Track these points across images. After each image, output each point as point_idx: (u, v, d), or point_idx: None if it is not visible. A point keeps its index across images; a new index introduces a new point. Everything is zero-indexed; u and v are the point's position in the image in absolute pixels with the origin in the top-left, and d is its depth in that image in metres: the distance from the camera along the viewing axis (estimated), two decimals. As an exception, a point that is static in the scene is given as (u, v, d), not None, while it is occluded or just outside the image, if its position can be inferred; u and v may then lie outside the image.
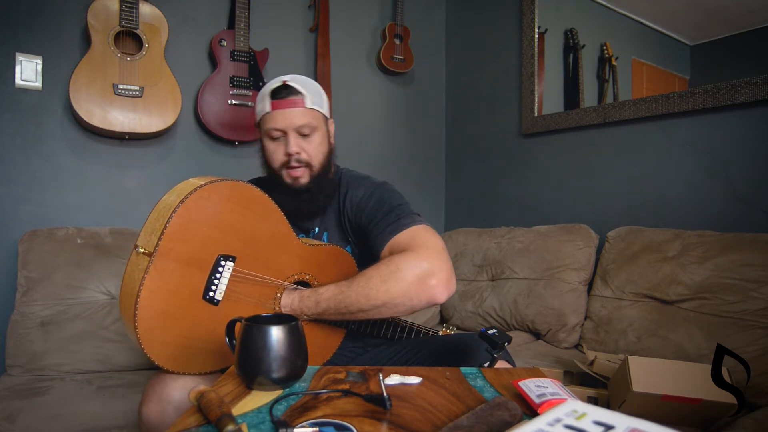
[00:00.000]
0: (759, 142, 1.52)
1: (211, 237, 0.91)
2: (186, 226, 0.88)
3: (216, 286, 0.92)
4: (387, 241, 1.02)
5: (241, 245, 0.95)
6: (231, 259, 0.93)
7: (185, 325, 0.89)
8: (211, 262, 0.91)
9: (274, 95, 1.07)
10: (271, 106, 1.07)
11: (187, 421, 0.61)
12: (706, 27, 1.75)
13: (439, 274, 0.92)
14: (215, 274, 0.92)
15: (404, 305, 0.93)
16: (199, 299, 0.91)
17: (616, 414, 0.45)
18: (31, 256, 1.52)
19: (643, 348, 1.49)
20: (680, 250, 1.53)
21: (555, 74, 2.17)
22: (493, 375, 0.80)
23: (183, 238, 0.88)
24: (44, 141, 1.70)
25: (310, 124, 1.08)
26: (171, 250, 0.87)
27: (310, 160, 1.10)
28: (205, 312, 0.91)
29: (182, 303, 0.89)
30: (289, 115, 1.07)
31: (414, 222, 1.03)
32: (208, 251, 0.91)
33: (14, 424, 1.14)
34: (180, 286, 0.88)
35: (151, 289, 0.85)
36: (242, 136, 1.96)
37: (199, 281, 0.91)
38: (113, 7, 1.64)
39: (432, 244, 0.97)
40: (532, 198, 2.22)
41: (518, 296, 1.87)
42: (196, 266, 0.90)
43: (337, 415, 0.63)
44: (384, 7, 2.47)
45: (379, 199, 1.10)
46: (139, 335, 0.84)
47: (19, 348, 1.45)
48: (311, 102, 1.08)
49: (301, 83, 1.09)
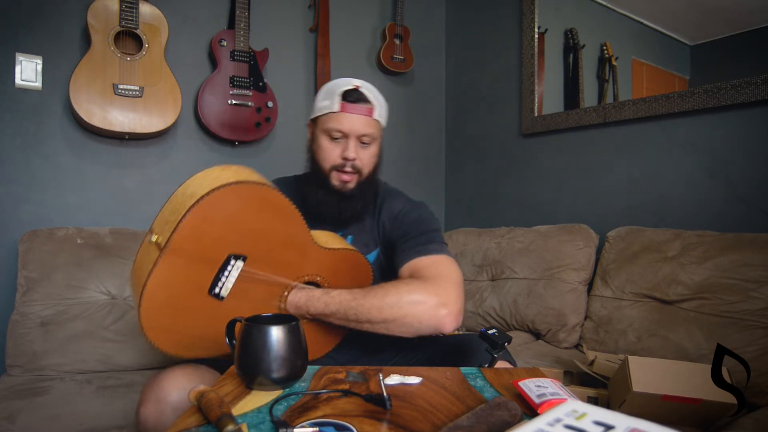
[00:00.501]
0: (759, 142, 1.52)
1: (224, 236, 0.91)
2: (199, 225, 0.88)
3: (223, 283, 0.93)
4: (410, 260, 1.04)
5: (254, 246, 0.94)
6: (241, 258, 0.94)
7: (188, 316, 0.91)
8: (221, 260, 0.92)
9: (346, 97, 1.08)
10: (341, 107, 1.07)
11: (187, 421, 0.61)
12: (706, 27, 1.75)
13: (452, 307, 0.94)
14: (223, 271, 0.92)
15: (412, 326, 0.94)
16: (205, 294, 0.92)
17: (616, 414, 0.45)
18: (31, 256, 1.52)
19: (643, 348, 1.49)
20: (680, 250, 1.53)
21: (555, 74, 2.17)
22: (493, 375, 0.80)
23: (195, 237, 0.88)
24: (44, 141, 1.70)
25: (372, 135, 1.10)
26: (182, 247, 0.87)
27: (362, 168, 1.11)
28: (209, 305, 0.92)
29: (187, 296, 0.90)
30: (357, 121, 1.08)
31: (441, 251, 1.05)
32: (219, 250, 0.91)
33: (14, 424, 1.14)
34: (187, 281, 0.90)
35: (157, 282, 0.86)
36: (242, 136, 1.96)
37: (206, 277, 0.91)
38: (113, 7, 1.64)
39: (453, 277, 0.99)
40: (532, 198, 2.22)
41: (518, 296, 1.87)
42: (206, 263, 0.91)
43: (337, 415, 0.63)
44: (384, 7, 2.47)
45: (419, 218, 1.13)
46: (142, 320, 0.86)
47: (19, 348, 1.45)
48: (378, 113, 1.11)
49: (371, 92, 1.11)
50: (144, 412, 0.90)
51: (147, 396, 0.91)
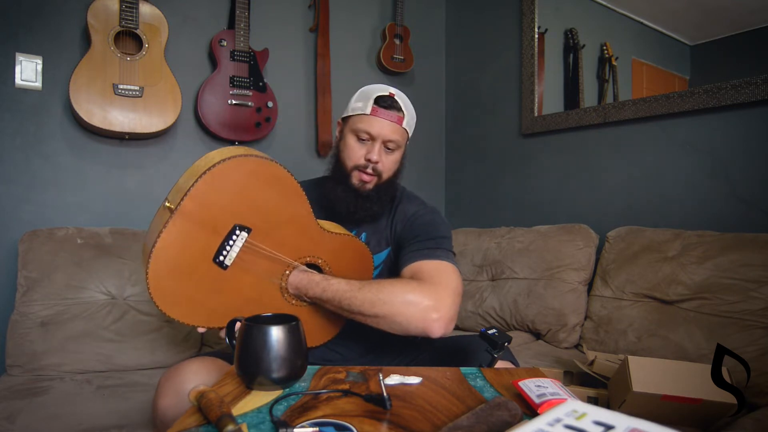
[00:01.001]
0: (759, 142, 1.52)
1: (231, 207, 0.95)
2: (209, 192, 0.93)
3: (227, 252, 0.96)
4: (414, 261, 1.05)
5: (259, 220, 0.98)
6: (246, 230, 0.97)
7: (192, 280, 0.94)
8: (227, 229, 0.96)
9: (379, 102, 1.12)
10: (372, 111, 1.11)
11: (187, 421, 0.61)
12: (706, 27, 1.75)
13: (444, 312, 0.95)
14: (228, 241, 0.96)
15: (401, 325, 0.95)
16: (210, 261, 0.95)
17: (616, 414, 0.45)
18: (31, 256, 1.52)
19: (643, 348, 1.49)
20: (680, 250, 1.53)
21: (555, 74, 2.17)
22: (493, 375, 0.81)
23: (204, 203, 0.93)
24: (44, 141, 1.70)
25: (398, 142, 1.13)
26: (191, 211, 0.92)
27: (383, 172, 1.14)
28: (213, 273, 0.96)
29: (193, 261, 0.94)
30: (386, 126, 1.11)
31: (447, 258, 1.06)
32: (226, 219, 0.96)
33: (14, 424, 1.14)
34: (193, 245, 0.93)
35: (165, 242, 0.90)
36: (242, 136, 1.96)
37: (212, 244, 0.95)
38: (113, 7, 1.64)
39: (452, 285, 1.00)
40: (532, 198, 2.22)
41: (518, 296, 1.87)
42: (212, 230, 0.95)
43: (337, 415, 0.63)
44: (384, 7, 2.47)
45: (431, 222, 1.15)
46: (149, 280, 0.90)
47: (19, 348, 1.45)
48: (407, 123, 1.15)
49: (404, 101, 1.15)
50: (162, 404, 0.90)
51: (165, 389, 0.92)
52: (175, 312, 0.93)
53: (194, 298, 0.95)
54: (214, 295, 0.97)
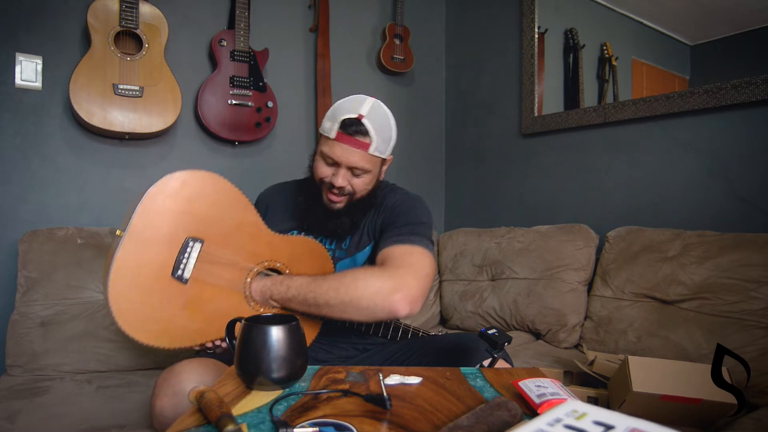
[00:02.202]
0: (759, 142, 1.52)
1: (180, 221, 0.98)
2: (154, 209, 0.96)
3: (184, 265, 0.97)
4: (386, 247, 1.05)
5: (210, 230, 1.00)
6: (199, 241, 0.99)
7: (155, 299, 0.95)
8: (180, 243, 0.98)
9: (344, 126, 1.05)
10: (336, 136, 1.06)
11: (187, 421, 0.61)
12: (706, 27, 1.75)
13: (406, 291, 0.95)
14: (183, 254, 0.98)
15: (368, 309, 0.96)
16: (168, 276, 0.96)
17: (616, 414, 0.45)
18: (31, 256, 1.52)
19: (643, 348, 1.49)
20: (680, 250, 1.53)
21: (555, 74, 2.17)
22: (493, 375, 0.80)
23: (151, 221, 0.95)
24: (44, 141, 1.70)
25: (365, 168, 1.09)
26: (141, 231, 0.94)
27: (354, 193, 1.12)
28: (174, 289, 0.97)
29: (151, 279, 0.95)
30: (350, 153, 1.06)
31: (419, 243, 1.05)
32: (177, 233, 0.98)
33: (14, 424, 1.14)
34: (148, 264, 0.95)
35: (120, 265, 0.92)
36: (242, 136, 1.96)
37: (168, 260, 0.97)
38: (113, 7, 1.64)
39: (417, 266, 1.00)
40: (532, 198, 2.22)
41: (518, 296, 1.87)
42: (165, 246, 0.97)
43: (337, 415, 0.63)
44: (384, 7, 2.47)
45: (409, 209, 1.14)
46: (111, 305, 0.90)
47: (19, 348, 1.45)
48: (375, 148, 1.07)
49: (375, 124, 1.07)
50: (160, 405, 0.90)
51: (163, 389, 0.92)
52: (143, 335, 0.93)
53: (160, 317, 0.95)
54: (181, 312, 0.97)
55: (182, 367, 0.95)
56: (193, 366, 0.95)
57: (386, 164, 1.18)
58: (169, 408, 0.89)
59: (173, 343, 0.96)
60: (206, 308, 0.99)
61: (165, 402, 0.90)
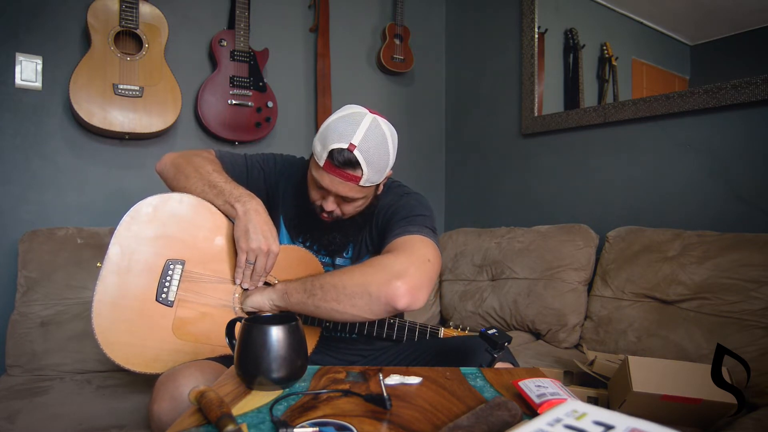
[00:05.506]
0: (759, 142, 1.52)
1: (157, 245, 0.98)
2: (128, 237, 0.96)
3: (167, 288, 0.98)
4: (389, 242, 1.02)
5: (189, 250, 1.00)
6: (179, 263, 0.99)
7: (141, 327, 0.95)
8: (161, 267, 0.98)
9: (333, 156, 0.97)
10: (325, 165, 0.99)
11: (187, 421, 0.61)
12: (706, 27, 1.75)
13: (407, 279, 0.89)
14: (165, 277, 0.98)
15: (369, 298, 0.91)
16: (153, 302, 0.97)
17: (616, 414, 0.45)
18: (31, 256, 1.52)
19: (643, 348, 1.49)
20: (680, 250, 1.53)
21: (555, 74, 2.17)
22: (493, 375, 0.80)
23: (127, 250, 0.96)
24: (44, 141, 1.70)
25: (355, 197, 1.03)
26: (117, 261, 0.95)
27: (344, 215, 1.08)
28: (160, 313, 0.97)
29: (134, 307, 0.95)
30: (339, 184, 1.00)
31: (420, 232, 1.01)
32: (156, 258, 0.98)
33: (14, 424, 1.14)
34: (130, 291, 0.95)
35: (100, 299, 0.93)
36: (242, 136, 1.96)
37: (150, 285, 0.97)
38: (113, 7, 1.64)
39: (419, 252, 0.95)
40: (532, 198, 2.22)
41: (518, 296, 1.87)
42: (145, 273, 0.97)
43: (337, 415, 0.63)
44: (384, 7, 2.47)
45: (405, 205, 1.10)
46: (97, 336, 0.91)
47: (19, 348, 1.45)
48: (366, 180, 1.00)
49: (367, 154, 0.97)
50: (158, 409, 0.90)
51: (161, 393, 0.91)
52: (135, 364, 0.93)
53: (151, 344, 0.94)
54: (170, 336, 0.96)
55: (181, 371, 0.94)
56: (191, 370, 0.94)
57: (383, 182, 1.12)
58: (167, 412, 0.89)
59: (167, 367, 0.95)
60: (196, 328, 0.98)
61: (163, 406, 0.90)
